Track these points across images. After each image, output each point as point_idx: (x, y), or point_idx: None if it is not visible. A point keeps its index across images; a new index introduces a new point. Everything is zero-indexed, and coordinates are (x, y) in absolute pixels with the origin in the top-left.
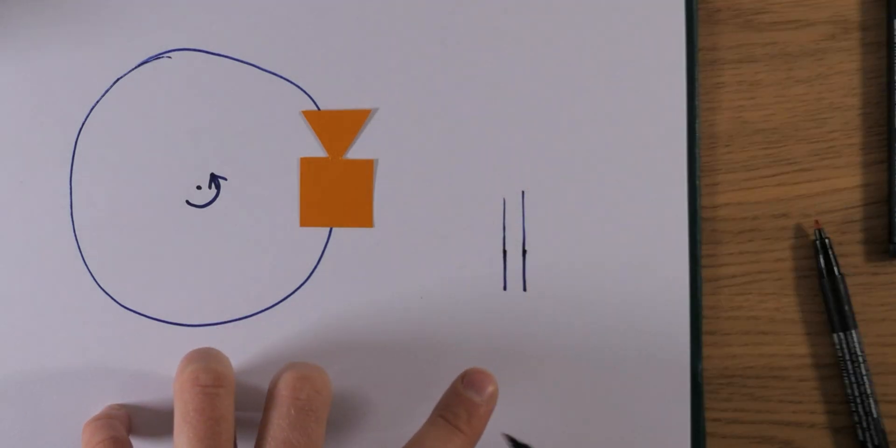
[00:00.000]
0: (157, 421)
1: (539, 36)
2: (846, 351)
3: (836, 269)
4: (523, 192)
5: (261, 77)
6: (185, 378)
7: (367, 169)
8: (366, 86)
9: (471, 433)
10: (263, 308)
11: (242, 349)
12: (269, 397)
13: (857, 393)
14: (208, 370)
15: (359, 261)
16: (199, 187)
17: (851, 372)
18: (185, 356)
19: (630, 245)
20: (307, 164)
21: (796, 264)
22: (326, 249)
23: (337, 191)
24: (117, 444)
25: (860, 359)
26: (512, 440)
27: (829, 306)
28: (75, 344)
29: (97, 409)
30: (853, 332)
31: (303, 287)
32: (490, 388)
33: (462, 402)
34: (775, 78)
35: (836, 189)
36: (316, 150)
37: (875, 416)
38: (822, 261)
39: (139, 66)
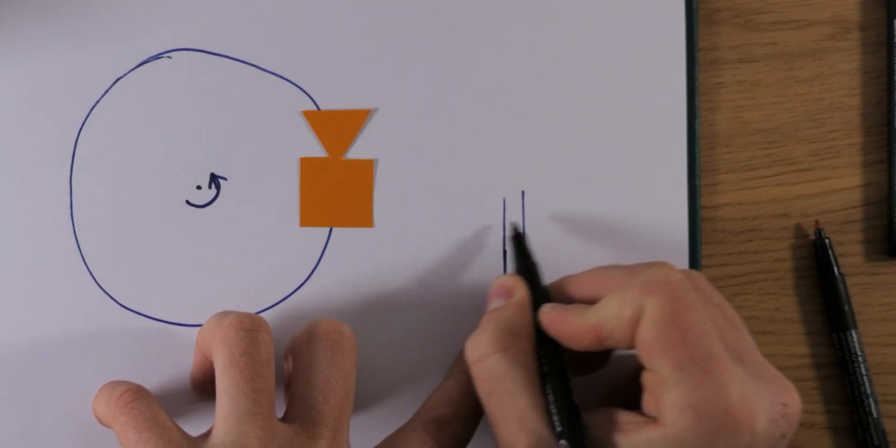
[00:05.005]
0: None
1: (539, 36)
2: (846, 351)
3: (835, 269)
4: (523, 192)
5: (261, 77)
6: (228, 324)
7: (367, 169)
8: (366, 86)
9: None
10: (263, 308)
11: None
12: (300, 344)
13: (856, 393)
14: (250, 317)
15: (359, 261)
16: (199, 187)
17: (851, 372)
18: (213, 315)
19: (630, 245)
20: (307, 164)
21: (796, 264)
22: (326, 249)
23: (337, 191)
24: (141, 391)
25: (860, 359)
26: (513, 226)
27: (829, 306)
28: (75, 344)
29: None
30: (853, 332)
31: (303, 287)
32: None
33: None
34: (775, 78)
35: (835, 189)
36: (316, 150)
37: (875, 416)
38: (821, 261)
39: (139, 66)
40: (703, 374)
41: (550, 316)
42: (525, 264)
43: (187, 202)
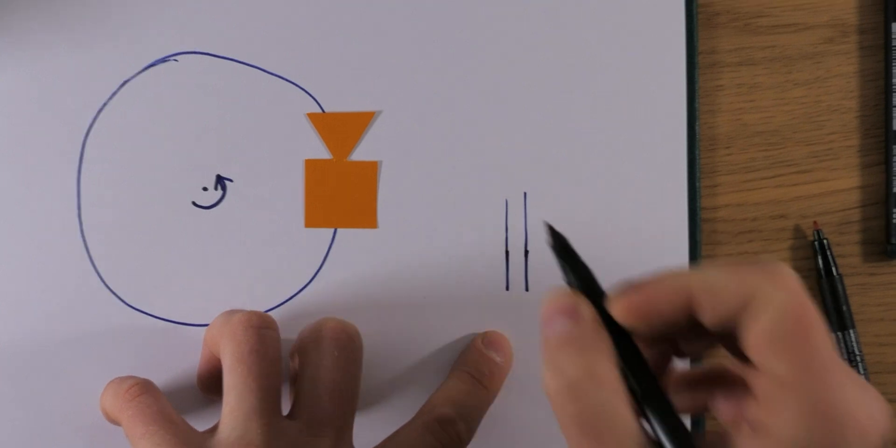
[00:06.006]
0: None
1: (541, 39)
2: (844, 351)
3: (834, 269)
4: (525, 194)
5: (266, 80)
6: (236, 321)
7: (371, 170)
8: (370, 88)
9: (492, 389)
10: (268, 308)
11: None
12: (307, 343)
13: None
14: (259, 314)
15: (363, 261)
16: (205, 189)
17: None
18: (222, 312)
19: (631, 246)
20: (312, 166)
21: (795, 265)
22: (331, 250)
23: (341, 192)
24: (149, 385)
25: (858, 358)
26: (550, 228)
27: (828, 306)
28: (82, 343)
29: None
30: (851, 331)
31: (307, 287)
32: (509, 351)
33: (486, 361)
34: (774, 81)
35: (834, 190)
36: (321, 151)
37: None
38: (820, 261)
39: (146, 68)
40: (830, 377)
41: (624, 295)
42: (580, 276)
43: (193, 203)
